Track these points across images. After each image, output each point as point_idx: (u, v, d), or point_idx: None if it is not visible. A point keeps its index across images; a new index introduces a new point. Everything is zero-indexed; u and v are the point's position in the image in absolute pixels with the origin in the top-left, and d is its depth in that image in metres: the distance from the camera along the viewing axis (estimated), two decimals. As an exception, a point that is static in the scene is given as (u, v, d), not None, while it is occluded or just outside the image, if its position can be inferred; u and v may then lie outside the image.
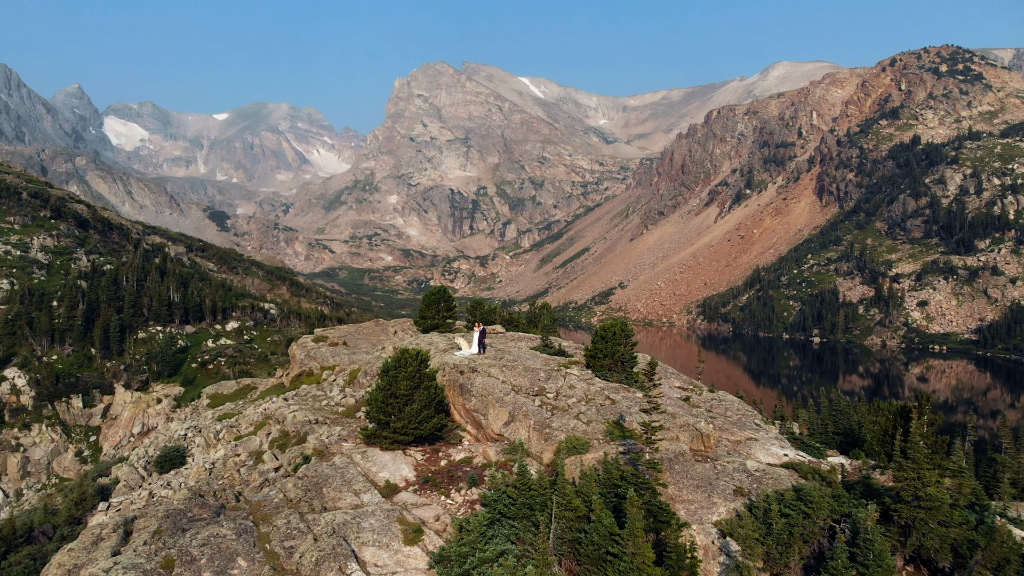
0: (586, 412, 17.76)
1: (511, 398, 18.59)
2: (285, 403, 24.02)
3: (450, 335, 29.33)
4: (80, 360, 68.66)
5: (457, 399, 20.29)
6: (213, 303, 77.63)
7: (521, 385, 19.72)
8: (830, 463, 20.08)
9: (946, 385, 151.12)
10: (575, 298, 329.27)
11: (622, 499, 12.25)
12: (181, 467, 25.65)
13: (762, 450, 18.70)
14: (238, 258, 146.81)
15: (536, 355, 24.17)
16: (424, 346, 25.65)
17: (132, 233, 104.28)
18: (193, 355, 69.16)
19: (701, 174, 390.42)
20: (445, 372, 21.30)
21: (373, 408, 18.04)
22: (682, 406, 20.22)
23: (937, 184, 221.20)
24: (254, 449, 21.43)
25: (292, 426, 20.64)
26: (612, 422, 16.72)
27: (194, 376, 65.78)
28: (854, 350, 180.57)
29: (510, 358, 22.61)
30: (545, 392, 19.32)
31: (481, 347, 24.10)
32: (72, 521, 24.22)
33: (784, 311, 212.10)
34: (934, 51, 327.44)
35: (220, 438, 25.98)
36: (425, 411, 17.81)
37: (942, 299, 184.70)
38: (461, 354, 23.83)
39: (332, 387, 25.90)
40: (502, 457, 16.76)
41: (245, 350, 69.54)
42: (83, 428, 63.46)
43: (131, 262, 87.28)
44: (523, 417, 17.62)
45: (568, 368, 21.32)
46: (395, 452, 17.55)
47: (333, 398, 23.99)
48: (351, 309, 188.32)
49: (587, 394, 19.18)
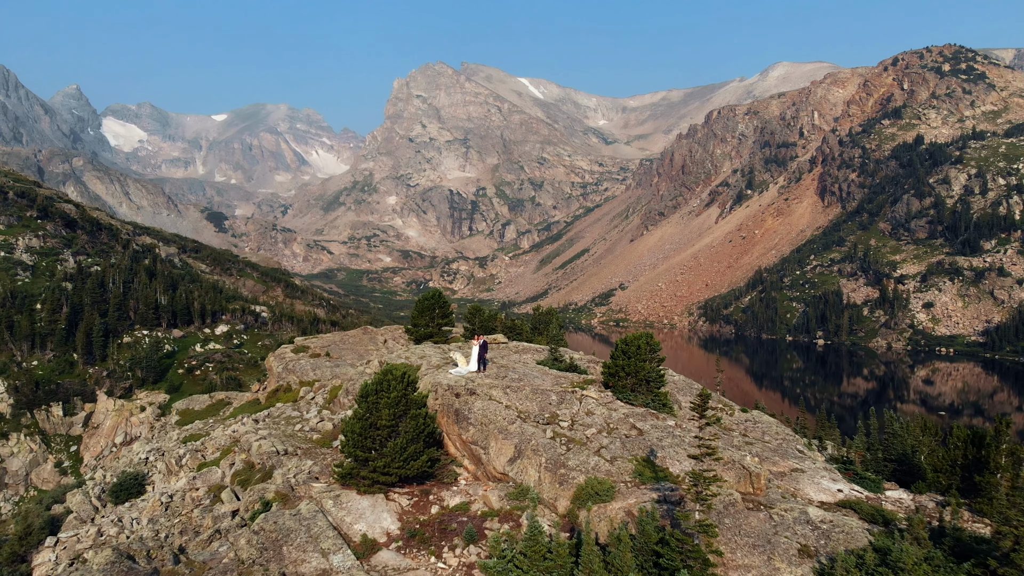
0: (609, 446, 14.83)
1: (517, 428, 15.64)
2: (254, 426, 21.15)
3: (445, 346, 26.19)
4: (62, 366, 65.74)
5: (452, 428, 17.28)
6: (202, 306, 74.58)
7: (529, 411, 16.78)
8: (888, 497, 17.23)
9: (952, 388, 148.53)
10: (575, 299, 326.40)
11: (664, 570, 9.41)
12: (139, 496, 22.82)
13: (811, 484, 15.87)
14: (233, 259, 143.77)
15: (545, 372, 21.21)
16: (415, 360, 22.59)
17: (122, 234, 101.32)
18: (180, 360, 66.21)
19: (702, 174, 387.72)
20: (438, 394, 18.30)
21: (349, 441, 15.06)
22: (715, 431, 17.37)
23: (941, 184, 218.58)
24: (214, 483, 18.60)
25: (258, 457, 17.73)
26: (641, 459, 13.85)
27: (180, 383, 62.87)
28: (859, 352, 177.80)
29: (515, 376, 19.68)
30: (558, 420, 16.40)
31: (481, 363, 21.03)
32: (15, 559, 21.39)
33: (787, 313, 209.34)
34: (936, 50, 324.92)
35: (183, 464, 23.08)
36: (412, 446, 14.81)
37: (948, 301, 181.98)
38: (457, 372, 20.81)
39: (310, 407, 23.00)
40: (506, 504, 13.85)
41: (234, 355, 66.58)
42: (63, 437, 60.54)
43: (119, 263, 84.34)
44: (532, 453, 14.66)
45: (584, 389, 18.40)
46: (375, 496, 14.55)
47: (309, 421, 21.06)
48: (348, 311, 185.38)
49: (608, 422, 16.27)
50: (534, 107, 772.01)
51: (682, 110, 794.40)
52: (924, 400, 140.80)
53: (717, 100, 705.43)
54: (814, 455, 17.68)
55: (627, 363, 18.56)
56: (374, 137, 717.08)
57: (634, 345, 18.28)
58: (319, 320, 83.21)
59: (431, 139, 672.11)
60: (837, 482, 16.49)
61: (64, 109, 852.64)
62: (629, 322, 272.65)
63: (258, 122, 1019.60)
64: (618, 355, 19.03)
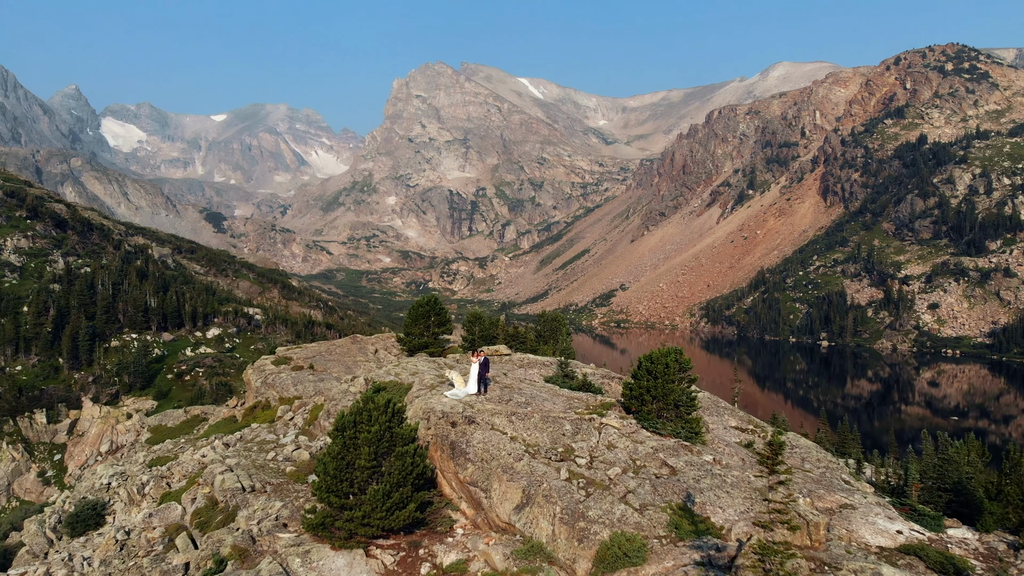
0: (637, 490, 12.37)
1: (525, 466, 13.19)
2: (223, 452, 18.82)
3: (441, 360, 23.57)
4: (46, 371, 63.44)
5: (447, 465, 14.70)
6: (194, 308, 72.17)
7: (539, 444, 14.32)
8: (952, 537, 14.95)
9: (958, 390, 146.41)
10: (575, 300, 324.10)
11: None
12: (97, 529, 20.59)
13: (866, 525, 13.61)
14: (229, 260, 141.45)
15: (555, 393, 18.62)
16: (405, 377, 20.10)
17: (113, 234, 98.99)
18: (169, 365, 63.87)
19: (703, 174, 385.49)
20: (431, 423, 15.70)
21: (322, 484, 12.58)
22: (748, 459, 15.08)
23: (945, 184, 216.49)
24: (173, 522, 16.32)
25: (221, 493, 15.37)
26: (677, 507, 11.51)
27: (169, 388, 60.53)
28: (863, 354, 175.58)
29: (521, 400, 17.17)
30: (573, 455, 13.93)
31: (482, 384, 18.27)
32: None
33: (790, 314, 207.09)
34: (939, 49, 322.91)
35: (146, 493, 20.81)
36: (398, 492, 12.30)
37: (953, 302, 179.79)
38: (453, 394, 18.02)
39: (287, 429, 20.63)
40: (513, 565, 11.40)
41: (225, 359, 64.24)
42: (47, 446, 58.24)
43: (109, 265, 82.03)
44: (544, 500, 12.15)
45: (603, 416, 15.92)
46: (353, 552, 12.04)
47: (284, 448, 18.65)
48: (347, 312, 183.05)
49: (634, 458, 13.83)
50: (534, 107, 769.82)
51: (682, 110, 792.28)
52: (929, 403, 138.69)
53: (717, 100, 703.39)
54: (862, 486, 15.46)
55: (652, 384, 15.89)
56: (373, 137, 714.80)
57: (661, 363, 15.81)
58: (314, 323, 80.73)
59: (431, 139, 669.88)
60: (894, 521, 14.22)
61: (63, 109, 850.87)
62: (630, 323, 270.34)
63: (257, 122, 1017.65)
64: (642, 375, 16.34)
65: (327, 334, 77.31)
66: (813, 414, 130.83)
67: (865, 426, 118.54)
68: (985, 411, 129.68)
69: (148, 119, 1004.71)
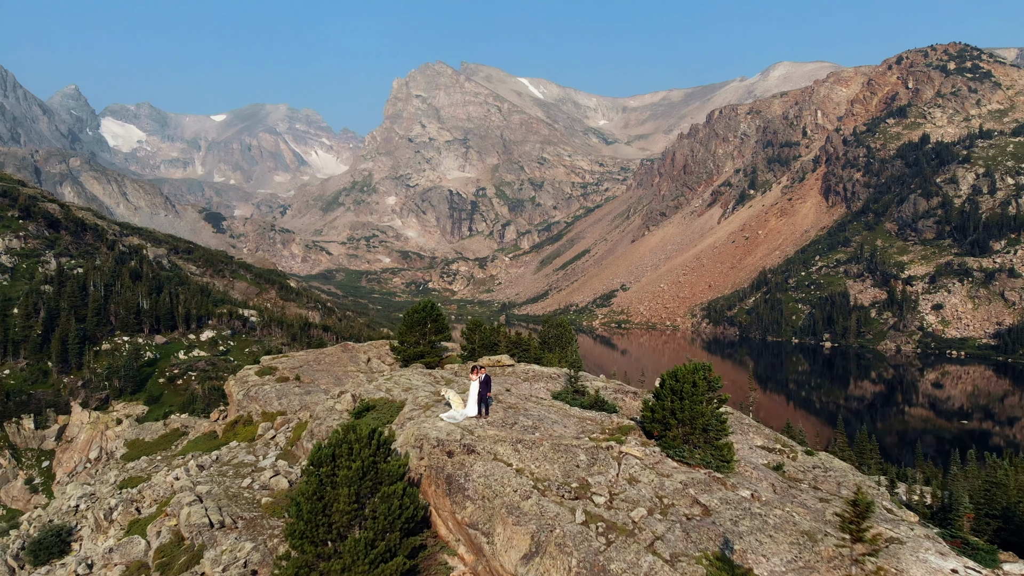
0: (666, 536, 10.61)
1: (534, 506, 11.37)
2: (196, 476, 17.09)
3: (438, 372, 21.62)
4: (35, 375, 61.80)
5: (443, 502, 12.73)
6: (187, 310, 70.41)
7: (549, 478, 12.43)
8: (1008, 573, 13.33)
9: (962, 391, 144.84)
10: (576, 300, 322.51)
11: None
12: (61, 558, 19.01)
13: (916, 563, 11.99)
14: (226, 260, 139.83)
15: (565, 412, 16.72)
16: (397, 393, 18.29)
17: (108, 234, 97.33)
18: (161, 369, 62.20)
19: (703, 174, 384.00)
20: (424, 452, 13.73)
21: (296, 530, 10.77)
22: (779, 485, 13.43)
23: (949, 184, 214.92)
24: (134, 560, 14.63)
25: (188, 529, 13.61)
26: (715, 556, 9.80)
27: (160, 393, 58.85)
28: (867, 355, 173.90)
29: (527, 423, 15.31)
30: (590, 492, 12.06)
31: (483, 405, 16.30)
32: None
33: (793, 314, 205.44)
34: (941, 48, 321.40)
35: (113, 519, 19.14)
36: (384, 540, 10.34)
37: (957, 302, 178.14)
38: (450, 417, 16.02)
39: (267, 449, 18.93)
40: (521, 629, 9.88)
41: (219, 363, 62.54)
42: (35, 452, 56.62)
43: (102, 265, 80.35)
44: (557, 550, 10.33)
45: (622, 443, 13.99)
46: None
47: (263, 473, 16.91)
48: (345, 313, 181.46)
49: (660, 495, 12.01)
50: (534, 107, 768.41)
51: (682, 110, 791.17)
52: (934, 404, 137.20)
53: (718, 100, 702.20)
54: (906, 515, 13.85)
55: (678, 405, 14.02)
56: (373, 137, 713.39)
57: (687, 381, 14.01)
58: (311, 325, 78.95)
59: (431, 139, 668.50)
60: (946, 557, 12.59)
61: (63, 109, 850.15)
62: (631, 324, 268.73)
63: (257, 122, 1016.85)
64: (665, 395, 14.48)
65: (323, 336, 75.59)
66: (815, 414, 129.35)
67: (869, 427, 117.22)
68: (990, 413, 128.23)
69: (148, 119, 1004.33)
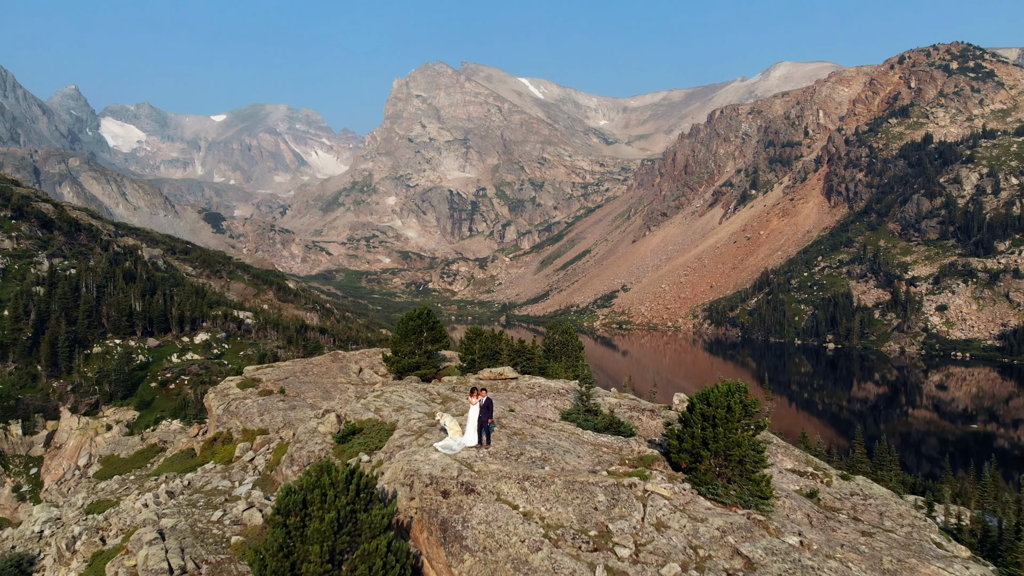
0: None
1: (545, 560, 9.65)
2: (165, 503, 15.58)
3: (433, 388, 19.73)
4: (23, 379, 60.34)
5: (437, 552, 10.88)
6: (181, 312, 68.84)
7: (563, 523, 10.67)
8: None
9: (966, 393, 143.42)
10: (576, 301, 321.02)
11: None
12: (21, 590, 17.63)
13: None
14: (224, 261, 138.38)
15: (578, 439, 14.67)
16: (387, 414, 16.56)
17: (102, 234, 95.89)
18: (154, 373, 60.67)
19: (705, 174, 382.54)
20: (415, 490, 11.82)
21: None
22: (815, 516, 11.95)
23: (952, 184, 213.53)
24: (87, 603, 13.28)
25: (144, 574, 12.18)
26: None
27: (152, 398, 57.33)
28: (871, 357, 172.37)
29: (535, 453, 13.42)
30: (611, 542, 10.35)
31: (484, 433, 14.26)
32: None
33: (795, 315, 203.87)
34: (944, 48, 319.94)
35: (77, 549, 17.61)
36: None
37: (962, 303, 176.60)
38: (446, 447, 14.01)
39: (244, 474, 17.28)
40: None
41: (212, 367, 61.06)
42: (23, 459, 55.18)
43: (95, 266, 78.90)
44: None
45: (646, 479, 12.10)
46: None
47: (236, 504, 15.21)
48: (344, 314, 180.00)
49: (695, 545, 10.30)
50: (534, 107, 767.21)
51: (683, 110, 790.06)
52: (938, 406, 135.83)
53: (718, 100, 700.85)
54: (956, 548, 12.40)
55: (711, 434, 12.18)
56: (373, 137, 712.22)
57: (721, 406, 12.16)
58: (307, 327, 77.43)
59: (431, 139, 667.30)
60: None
61: (62, 109, 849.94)
62: (632, 324, 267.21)
63: (257, 122, 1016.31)
64: (695, 421, 12.64)
65: (320, 339, 74.03)
66: (817, 416, 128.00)
67: (872, 429, 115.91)
68: (995, 415, 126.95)
69: (148, 119, 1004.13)
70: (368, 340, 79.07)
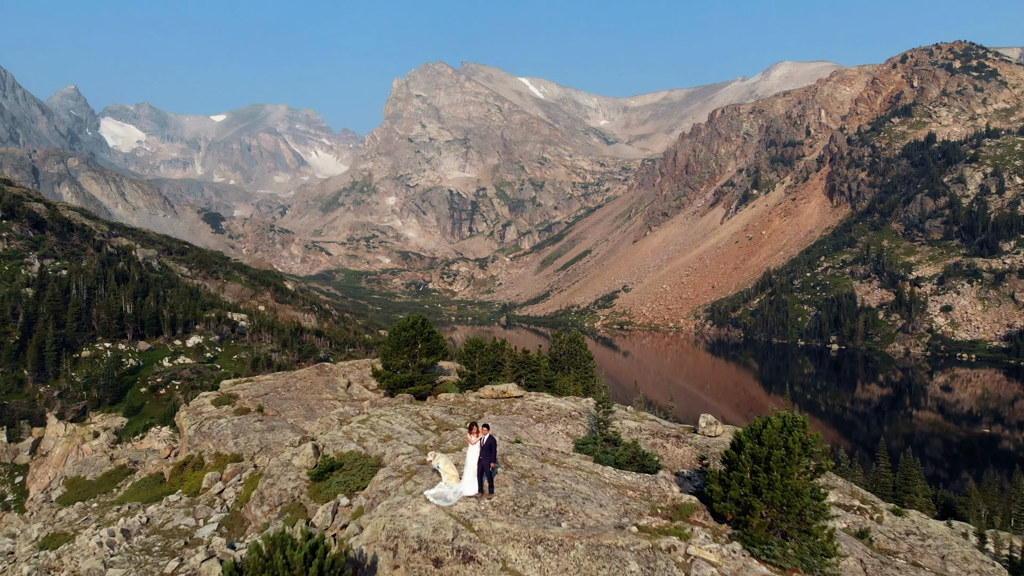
0: None
1: None
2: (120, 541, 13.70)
3: (427, 411, 17.32)
4: (10, 384, 58.50)
5: None
6: (173, 315, 66.80)
7: None
8: None
9: (971, 395, 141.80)
10: (577, 302, 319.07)
11: None
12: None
13: None
14: (221, 261, 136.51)
15: (598, 478, 12.30)
16: (373, 445, 14.20)
17: (95, 235, 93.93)
18: (144, 377, 58.77)
19: (706, 174, 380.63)
20: (399, 556, 9.56)
21: None
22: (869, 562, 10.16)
23: (956, 183, 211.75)
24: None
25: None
26: None
27: (141, 404, 55.44)
28: (875, 358, 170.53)
29: (549, 503, 11.05)
30: None
31: (485, 477, 11.89)
32: None
33: (798, 316, 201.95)
34: (946, 47, 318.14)
35: (25, 592, 15.82)
36: None
37: (967, 304, 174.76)
38: (440, 496, 11.59)
39: (210, 510, 15.22)
40: None
41: (204, 371, 59.10)
42: (8, 467, 53.35)
43: (87, 268, 77.03)
44: None
45: (687, 539, 9.92)
46: None
47: (196, 552, 13.01)
48: (343, 315, 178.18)
49: None
50: (535, 107, 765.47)
51: (683, 110, 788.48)
52: (942, 408, 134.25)
53: (719, 100, 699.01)
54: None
55: (764, 480, 9.93)
56: (373, 137, 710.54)
57: (777, 444, 9.93)
58: (303, 330, 75.46)
59: (431, 139, 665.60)
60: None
61: (62, 109, 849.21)
62: (633, 325, 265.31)
63: (257, 123, 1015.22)
64: (743, 462, 10.33)
65: (316, 342, 72.09)
66: (820, 417, 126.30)
67: (875, 430, 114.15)
68: (1000, 416, 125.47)
69: (147, 119, 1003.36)
70: (366, 343, 77.22)
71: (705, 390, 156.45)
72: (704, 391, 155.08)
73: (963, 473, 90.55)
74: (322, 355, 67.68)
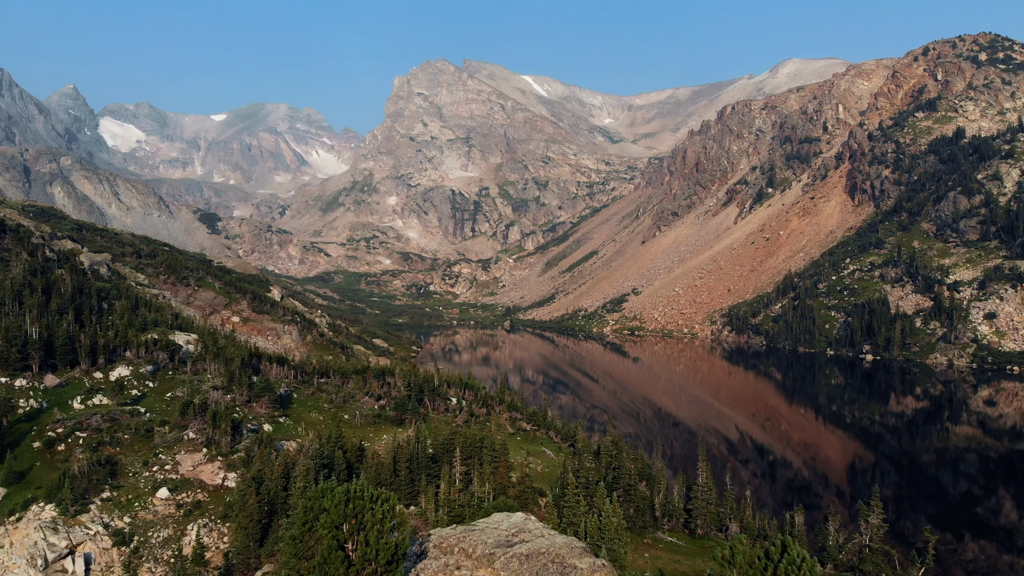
0: None
1: None
2: None
3: None
4: None
5: None
6: (93, 339, 52.57)
7: None
8: None
9: (1016, 410, 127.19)
10: (584, 305, 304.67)
11: None
12: None
13: None
14: (193, 267, 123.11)
15: None
16: None
17: (33, 237, 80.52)
18: (42, 427, 44.92)
19: (717, 172, 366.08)
20: None
21: None
22: None
23: (992, 180, 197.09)
24: None
25: None
26: None
27: (29, 466, 41.51)
28: (913, 369, 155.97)
29: None
30: None
31: None
32: None
33: (826, 323, 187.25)
34: (970, 39, 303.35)
35: None
36: None
37: (1012, 311, 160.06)
38: None
39: None
40: None
41: (122, 418, 45.06)
42: None
43: (3, 280, 63.33)
44: None
45: None
46: None
47: None
48: (336, 321, 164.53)
49: None
50: (538, 105, 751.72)
51: (690, 108, 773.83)
52: (982, 423, 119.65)
53: (726, 98, 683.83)
54: None
55: None
56: (374, 136, 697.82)
57: None
58: (260, 356, 60.54)
59: (432, 138, 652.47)
60: None
61: (60, 109, 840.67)
62: (645, 331, 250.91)
63: (257, 122, 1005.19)
64: None
65: (279, 372, 57.52)
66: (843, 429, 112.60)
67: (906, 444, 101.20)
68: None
69: (147, 119, 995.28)
70: (342, 372, 63.07)
71: (719, 398, 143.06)
72: (719, 399, 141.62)
73: (1000, 490, 79.60)
74: (281, 390, 53.67)
